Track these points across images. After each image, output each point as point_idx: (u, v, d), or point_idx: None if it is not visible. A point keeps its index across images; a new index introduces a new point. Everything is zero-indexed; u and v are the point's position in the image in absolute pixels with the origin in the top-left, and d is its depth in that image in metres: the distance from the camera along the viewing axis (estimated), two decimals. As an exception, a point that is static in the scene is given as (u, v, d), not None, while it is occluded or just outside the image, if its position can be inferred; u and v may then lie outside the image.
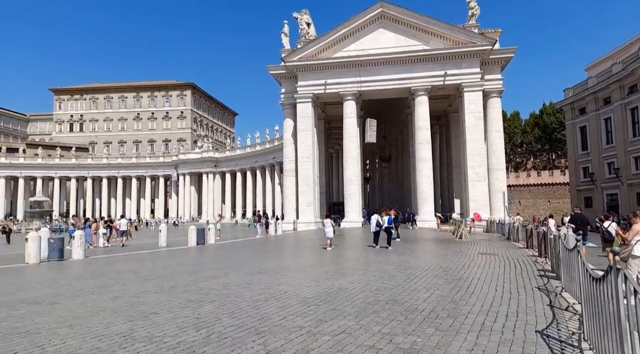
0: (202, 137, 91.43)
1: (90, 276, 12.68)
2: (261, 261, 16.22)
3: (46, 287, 10.75)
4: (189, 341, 5.49)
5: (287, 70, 43.01)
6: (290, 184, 44.33)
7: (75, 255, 18.17)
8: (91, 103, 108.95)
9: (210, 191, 78.72)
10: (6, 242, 34.74)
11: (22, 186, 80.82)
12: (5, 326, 6.57)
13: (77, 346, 5.43)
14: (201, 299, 8.40)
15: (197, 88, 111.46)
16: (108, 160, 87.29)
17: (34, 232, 17.96)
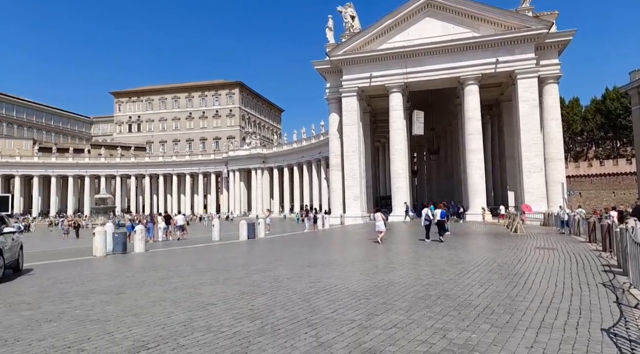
0: (250, 134, 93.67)
1: (151, 269, 13.43)
2: (310, 254, 16.44)
3: (112, 278, 11.52)
4: (244, 332, 5.69)
5: (331, 65, 43.00)
6: (336, 179, 44.45)
7: (137, 248, 19.30)
8: (147, 104, 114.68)
9: (258, 187, 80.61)
10: (76, 237, 37.52)
11: (88, 184, 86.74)
12: (79, 313, 7.13)
13: (142, 333, 5.79)
14: (254, 291, 8.67)
15: (245, 86, 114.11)
16: (163, 158, 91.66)
17: (100, 227, 19.25)
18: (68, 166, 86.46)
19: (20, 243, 13.47)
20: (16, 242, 12.88)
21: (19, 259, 13.11)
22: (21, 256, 13.40)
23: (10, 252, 11.88)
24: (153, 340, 5.45)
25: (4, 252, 11.21)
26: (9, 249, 11.81)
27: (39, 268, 14.43)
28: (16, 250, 12.71)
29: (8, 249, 11.67)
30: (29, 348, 5.29)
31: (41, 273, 12.93)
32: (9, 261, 11.72)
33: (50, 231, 55.43)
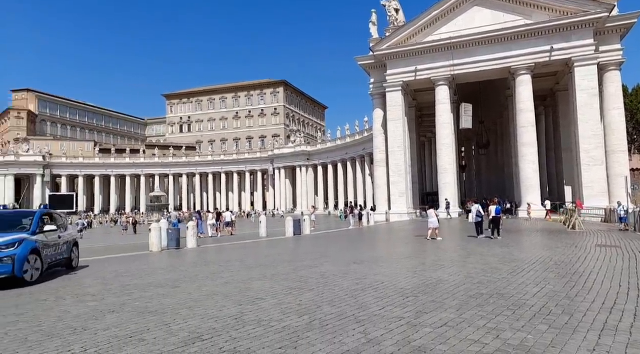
0: (294, 132, 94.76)
1: (202, 263, 13.96)
2: (355, 251, 16.41)
3: (168, 272, 12.09)
4: (293, 326, 5.79)
5: (375, 60, 42.55)
6: (380, 175, 44.02)
7: (189, 244, 20.12)
8: (197, 105, 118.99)
9: (303, 183, 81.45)
10: (133, 233, 39.68)
11: (143, 183, 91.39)
12: (138, 305, 7.55)
13: (197, 325, 6.05)
14: (301, 286, 8.78)
15: (289, 84, 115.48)
16: (212, 157, 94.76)
17: (155, 223, 20.23)
18: (125, 165, 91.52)
19: (73, 240, 13.22)
20: (66, 240, 12.51)
21: (71, 256, 12.89)
22: (74, 253, 13.20)
23: (53, 250, 11.50)
24: (207, 332, 5.67)
25: (44, 250, 10.80)
26: (54, 246, 11.48)
27: (101, 262, 15.41)
28: (65, 247, 12.41)
29: (52, 247, 11.34)
30: (94, 337, 5.67)
31: (103, 267, 13.78)
32: (52, 259, 11.44)
33: (110, 227, 58.98)
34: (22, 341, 5.56)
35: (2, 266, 9.48)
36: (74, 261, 13.09)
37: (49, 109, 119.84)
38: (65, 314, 7.02)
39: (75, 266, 13.30)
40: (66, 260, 12.59)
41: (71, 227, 14.13)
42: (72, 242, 13.08)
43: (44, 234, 10.94)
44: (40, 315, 6.98)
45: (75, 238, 13.63)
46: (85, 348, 5.18)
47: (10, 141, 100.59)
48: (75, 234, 14.21)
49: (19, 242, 9.90)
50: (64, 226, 12.93)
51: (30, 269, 10.11)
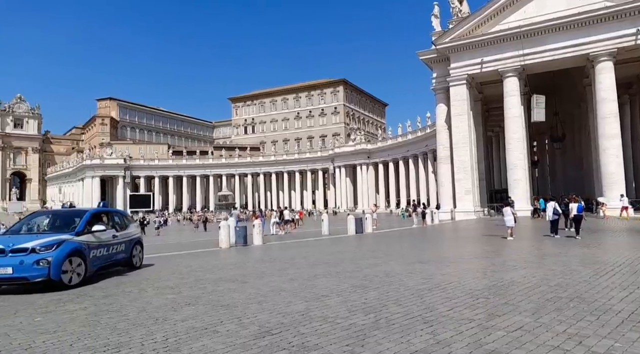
0: (354, 130, 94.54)
1: (269, 260, 14.42)
2: (420, 250, 16.07)
3: (237, 268, 12.64)
4: (359, 324, 5.81)
5: (438, 54, 41.29)
6: (445, 172, 42.65)
7: (255, 241, 20.85)
8: (260, 107, 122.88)
9: (364, 182, 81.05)
10: (204, 230, 41.88)
11: (212, 183, 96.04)
12: (212, 299, 7.98)
13: (266, 320, 6.27)
14: (366, 285, 8.77)
15: (349, 83, 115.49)
16: (275, 157, 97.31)
17: (224, 221, 21.21)
18: (195, 166, 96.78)
19: (134, 239, 12.81)
20: (124, 239, 12.09)
21: (132, 255, 12.54)
22: (137, 252, 12.85)
23: (106, 250, 11.04)
24: (276, 327, 5.86)
25: (92, 251, 10.38)
26: (106, 246, 11.05)
27: (175, 257, 16.43)
28: (124, 247, 12.03)
29: (104, 247, 10.92)
30: (174, 327, 6.08)
31: (178, 262, 14.67)
32: (105, 260, 11.08)
33: (183, 225, 62.68)
34: (113, 329, 6.10)
35: (38, 269, 9.06)
36: (135, 260, 12.69)
37: (129, 116, 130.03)
38: (147, 305, 7.59)
39: (138, 265, 12.82)
40: (126, 260, 12.25)
41: (133, 226, 13.43)
42: (133, 241, 12.65)
43: (93, 235, 10.49)
44: (127, 306, 7.62)
45: (138, 237, 13.18)
46: (167, 337, 5.58)
47: (96, 146, 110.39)
48: (137, 233, 13.44)
49: (57, 244, 9.51)
50: (122, 225, 12.40)
51: (71, 272, 9.62)
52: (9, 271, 9.02)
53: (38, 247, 9.27)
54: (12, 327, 6.36)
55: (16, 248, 9.26)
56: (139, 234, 13.63)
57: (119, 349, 5.12)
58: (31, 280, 9.16)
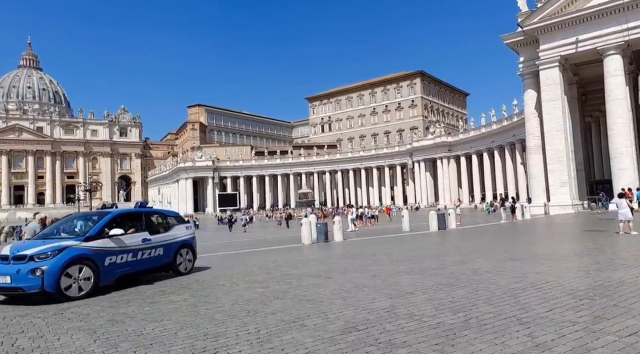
0: (433, 123, 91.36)
1: (350, 256, 14.52)
2: (510, 247, 15.11)
3: (319, 264, 12.91)
4: (447, 323, 5.63)
5: (525, 36, 38.36)
6: (536, 163, 39.56)
7: (336, 238, 21.11)
8: (336, 105, 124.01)
9: (445, 176, 78.05)
10: (286, 227, 43.35)
11: (292, 181, 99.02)
12: (298, 293, 8.25)
13: (352, 315, 6.33)
14: (452, 283, 8.47)
15: (426, 75, 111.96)
16: (352, 154, 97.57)
17: (306, 218, 21.75)
18: (276, 166, 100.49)
19: (179, 242, 11.41)
20: (162, 243, 10.81)
21: (176, 260, 11.23)
22: (183, 257, 11.48)
23: (132, 255, 9.88)
24: (362, 323, 5.89)
25: (110, 257, 9.33)
26: (132, 252, 9.88)
27: (262, 253, 17.20)
28: (163, 251, 10.73)
29: (129, 253, 9.78)
30: (264, 319, 6.39)
31: (264, 257, 15.36)
32: (132, 267, 9.92)
33: (267, 221, 65.46)
34: (210, 319, 6.58)
35: (33, 280, 8.12)
36: (181, 265, 11.38)
37: (215, 120, 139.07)
38: (240, 298, 8.07)
39: (186, 270, 11.49)
40: (166, 265, 11.02)
41: (180, 227, 11.81)
42: (176, 244, 11.29)
43: (111, 239, 9.42)
44: (222, 298, 8.16)
45: (185, 240, 11.68)
46: (258, 329, 5.88)
47: (188, 150, 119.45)
48: (185, 235, 11.78)
49: (57, 252, 8.50)
50: (160, 228, 11.19)
51: (75, 282, 8.59)
52: (8, 280, 8.19)
53: (36, 255, 8.37)
54: (125, 315, 7.14)
55: (17, 255, 8.48)
56: (188, 237, 11.92)
57: (216, 339, 5.50)
58: (27, 291, 8.20)
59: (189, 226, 12.43)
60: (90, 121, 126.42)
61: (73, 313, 7.47)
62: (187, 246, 11.76)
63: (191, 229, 12.46)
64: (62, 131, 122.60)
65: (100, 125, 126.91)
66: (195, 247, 12.28)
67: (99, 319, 6.91)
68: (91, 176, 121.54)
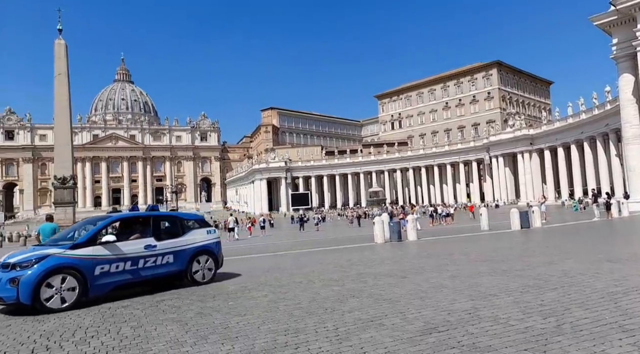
0: (512, 115, 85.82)
1: (425, 256, 14.16)
2: (607, 246, 13.78)
3: (394, 263, 12.74)
4: (537, 328, 5.29)
5: (619, 15, 34.71)
6: (634, 155, 35.66)
7: (410, 237, 20.70)
8: (406, 101, 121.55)
9: (526, 171, 72.97)
10: (358, 226, 43.36)
11: (362, 180, 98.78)
12: (373, 292, 8.23)
13: (430, 316, 6.18)
14: (540, 285, 7.92)
15: (503, 64, 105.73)
16: (424, 150, 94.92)
17: (378, 217, 21.59)
18: (346, 165, 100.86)
19: (195, 248, 10.27)
20: (172, 250, 9.81)
21: (191, 269, 10.13)
22: (203, 265, 10.36)
23: (131, 263, 9.06)
24: (442, 324, 5.73)
25: (101, 266, 8.60)
26: (132, 260, 9.07)
27: (335, 251, 17.37)
28: (172, 258, 9.77)
29: (127, 261, 8.99)
30: (342, 317, 6.46)
31: (338, 256, 15.49)
32: (121, 278, 8.95)
33: (337, 220, 65.96)
34: (290, 315, 6.79)
35: (10, 290, 7.73)
36: (198, 274, 10.26)
37: (287, 122, 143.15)
38: (317, 295, 8.23)
39: (204, 280, 10.32)
40: (178, 274, 10.01)
41: (196, 232, 10.58)
42: (191, 251, 10.19)
43: (105, 246, 8.72)
44: (300, 295, 8.39)
45: (202, 246, 10.49)
46: (337, 326, 5.96)
47: (262, 152, 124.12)
48: (203, 240, 10.56)
49: (37, 260, 7.99)
50: (171, 233, 10.25)
51: (57, 293, 8.00)
52: None
53: (18, 263, 8.02)
54: (212, 309, 7.61)
55: (4, 263, 8.21)
56: (208, 242, 10.68)
57: (297, 334, 5.67)
58: (7, 302, 7.86)
59: (211, 230, 11.08)
60: (175, 128, 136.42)
61: (166, 305, 8.13)
62: (206, 252, 10.55)
63: (213, 234, 11.04)
64: (151, 138, 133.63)
65: (184, 131, 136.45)
66: (218, 253, 10.88)
67: (189, 311, 7.45)
68: (177, 178, 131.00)
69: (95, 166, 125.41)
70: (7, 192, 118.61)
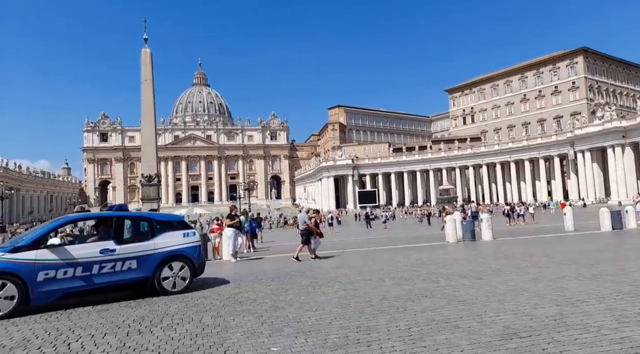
0: (601, 106, 78.14)
1: (503, 257, 13.42)
2: None
3: (468, 263, 12.23)
4: (636, 339, 4.80)
5: None
6: None
7: (484, 236, 19.75)
8: (479, 95, 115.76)
9: (618, 167, 66.09)
10: (428, 224, 42.21)
11: (432, 177, 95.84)
12: (447, 293, 7.98)
13: (510, 321, 5.85)
14: (637, 292, 7.18)
15: (590, 51, 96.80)
16: (499, 146, 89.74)
17: (450, 216, 20.84)
18: (415, 162, 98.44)
19: (166, 253, 9.14)
20: (135, 255, 8.75)
21: (159, 275, 9.00)
22: (175, 271, 9.20)
23: (82, 270, 8.15)
24: (523, 329, 5.41)
25: (46, 272, 7.80)
26: (84, 265, 8.15)
27: (403, 250, 17.06)
28: (136, 264, 8.73)
29: (77, 266, 8.10)
30: (414, 317, 6.34)
31: (407, 254, 15.19)
32: (71, 285, 8.07)
33: (405, 218, 64.67)
34: (361, 312, 6.80)
35: None
36: (167, 282, 9.09)
37: (354, 119, 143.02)
38: (387, 294, 8.15)
39: (176, 289, 9.13)
40: (142, 281, 8.91)
41: (171, 235, 9.42)
42: (161, 256, 9.05)
43: (52, 250, 7.91)
44: (370, 293, 8.37)
45: (175, 251, 9.32)
46: (409, 326, 5.86)
47: (329, 150, 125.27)
48: (176, 245, 9.37)
49: None
50: (136, 236, 9.24)
51: None
52: None
53: None
54: (285, 302, 7.85)
55: None
56: (182, 246, 9.44)
57: (368, 332, 5.67)
58: None
59: (189, 233, 9.81)
60: (247, 128, 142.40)
61: (243, 297, 8.53)
62: (180, 258, 9.35)
63: (191, 237, 9.75)
64: (226, 137, 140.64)
65: (255, 131, 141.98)
66: (196, 259, 9.65)
67: (264, 304, 7.74)
68: (249, 176, 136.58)
69: (176, 164, 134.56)
70: (102, 189, 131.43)
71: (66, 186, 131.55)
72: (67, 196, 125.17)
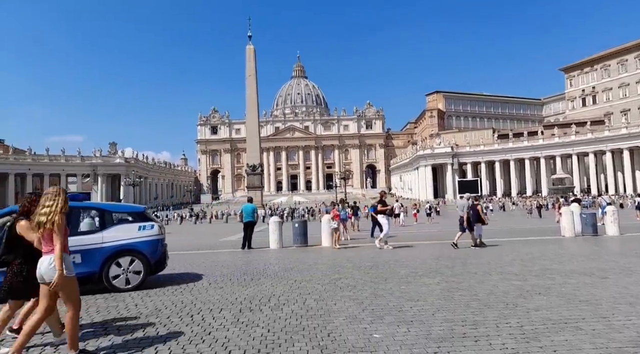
0: None
1: (634, 255, 11.80)
2: None
3: (590, 260, 10.99)
4: None
5: None
6: None
7: (609, 231, 17.55)
8: (602, 72, 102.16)
9: None
10: (538, 216, 38.74)
11: (543, 165, 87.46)
12: (564, 292, 7.26)
13: None
14: None
15: None
16: (627, 130, 78.40)
17: (566, 207, 18.87)
18: (523, 149, 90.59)
19: (116, 247, 8.52)
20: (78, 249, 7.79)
21: (104, 272, 8.39)
22: (124, 268, 8.56)
23: None
24: (663, 338, 4.72)
25: None
26: None
27: (509, 243, 15.86)
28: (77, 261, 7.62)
29: None
30: (527, 315, 5.88)
31: (514, 248, 14.10)
32: None
33: (511, 210, 60.06)
34: (466, 306, 6.51)
35: None
36: (118, 279, 8.50)
37: (454, 105, 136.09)
38: (494, 288, 7.68)
39: (127, 286, 8.54)
40: (88, 277, 8.11)
41: (123, 228, 8.79)
42: (109, 251, 8.46)
43: None
44: (475, 286, 7.96)
45: (126, 245, 8.65)
46: (521, 324, 5.46)
47: (426, 137, 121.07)
48: (127, 239, 8.70)
49: None
50: (77, 228, 8.22)
51: None
52: None
53: None
54: (385, 291, 7.83)
55: None
56: (135, 240, 8.76)
57: (475, 327, 5.41)
58: None
59: (145, 226, 8.99)
60: (343, 117, 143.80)
61: (343, 283, 8.71)
62: (131, 252, 8.65)
63: (148, 230, 8.96)
64: (322, 128, 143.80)
65: (350, 120, 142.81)
66: (151, 254, 8.86)
67: (364, 291, 7.82)
68: (344, 165, 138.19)
69: (277, 154, 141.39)
70: (213, 178, 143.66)
71: (183, 174, 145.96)
72: (185, 184, 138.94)
